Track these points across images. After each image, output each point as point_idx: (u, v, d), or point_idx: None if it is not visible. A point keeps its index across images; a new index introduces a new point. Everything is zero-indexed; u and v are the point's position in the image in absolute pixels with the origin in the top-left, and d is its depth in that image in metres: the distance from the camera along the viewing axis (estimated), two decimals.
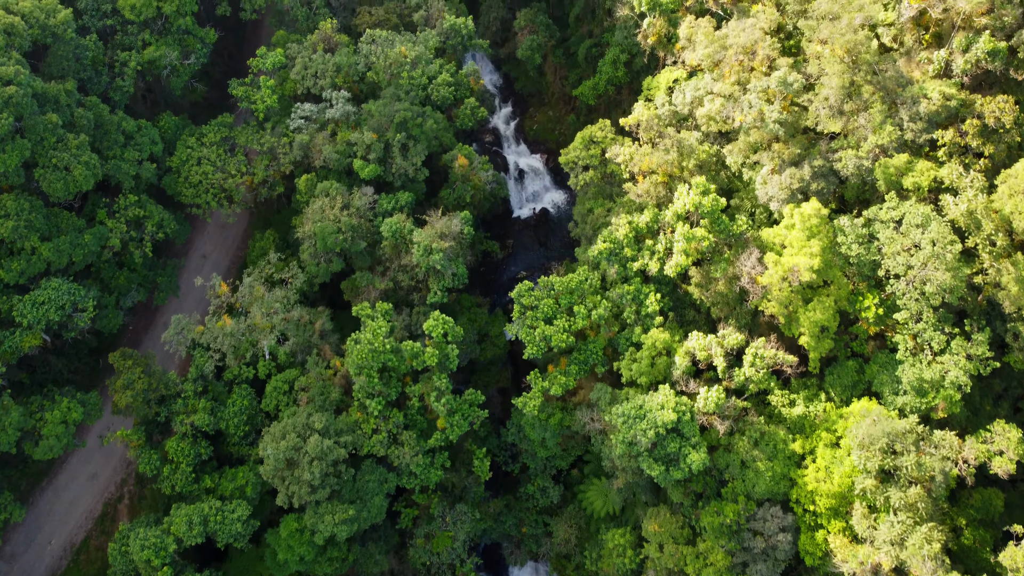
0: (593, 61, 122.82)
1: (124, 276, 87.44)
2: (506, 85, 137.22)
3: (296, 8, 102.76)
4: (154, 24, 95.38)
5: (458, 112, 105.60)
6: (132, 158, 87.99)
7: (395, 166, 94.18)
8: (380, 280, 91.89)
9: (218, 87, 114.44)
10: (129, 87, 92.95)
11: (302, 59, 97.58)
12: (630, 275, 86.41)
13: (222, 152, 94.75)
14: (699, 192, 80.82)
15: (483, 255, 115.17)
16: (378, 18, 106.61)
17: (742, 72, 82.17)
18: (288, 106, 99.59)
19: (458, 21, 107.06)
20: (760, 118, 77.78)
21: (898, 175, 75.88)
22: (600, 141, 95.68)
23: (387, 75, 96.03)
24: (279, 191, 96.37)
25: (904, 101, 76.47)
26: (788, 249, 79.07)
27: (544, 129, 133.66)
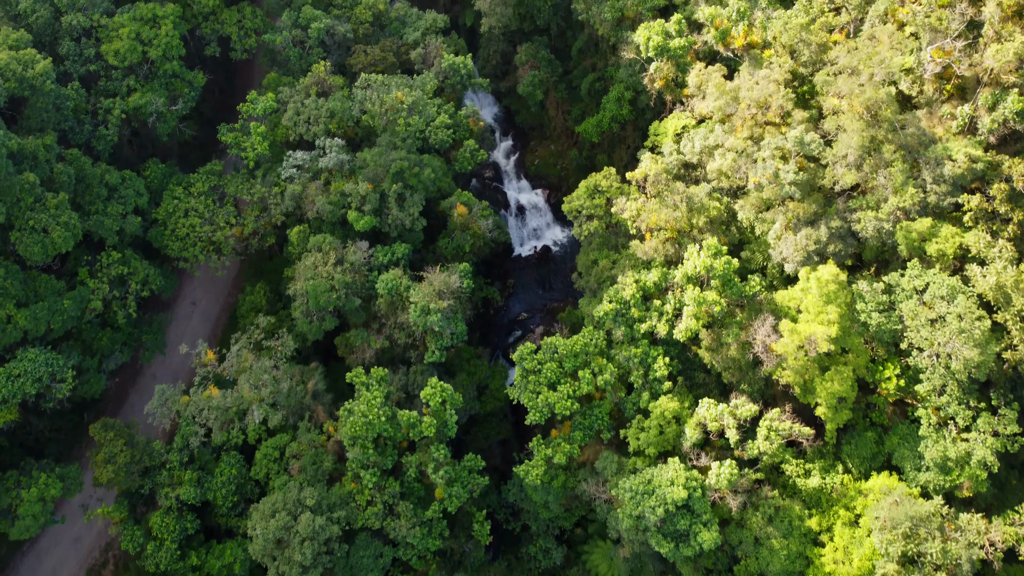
0: (597, 96, 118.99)
1: (107, 337, 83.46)
2: (506, 118, 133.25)
3: (288, 48, 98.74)
4: (139, 69, 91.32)
5: (457, 154, 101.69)
6: (116, 212, 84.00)
7: (391, 217, 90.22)
8: (376, 338, 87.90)
9: (209, 124, 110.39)
10: (113, 136, 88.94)
11: (294, 104, 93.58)
12: (637, 337, 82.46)
13: (210, 202, 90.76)
14: (710, 254, 76.91)
15: (483, 300, 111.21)
16: (374, 58, 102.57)
17: (755, 127, 78.21)
18: (280, 152, 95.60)
19: (457, 60, 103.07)
20: (775, 178, 73.80)
21: (921, 240, 71.97)
22: (605, 190, 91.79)
23: (383, 121, 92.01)
24: (270, 242, 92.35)
25: (927, 161, 72.55)
26: (804, 315, 75.18)
27: (545, 164, 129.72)
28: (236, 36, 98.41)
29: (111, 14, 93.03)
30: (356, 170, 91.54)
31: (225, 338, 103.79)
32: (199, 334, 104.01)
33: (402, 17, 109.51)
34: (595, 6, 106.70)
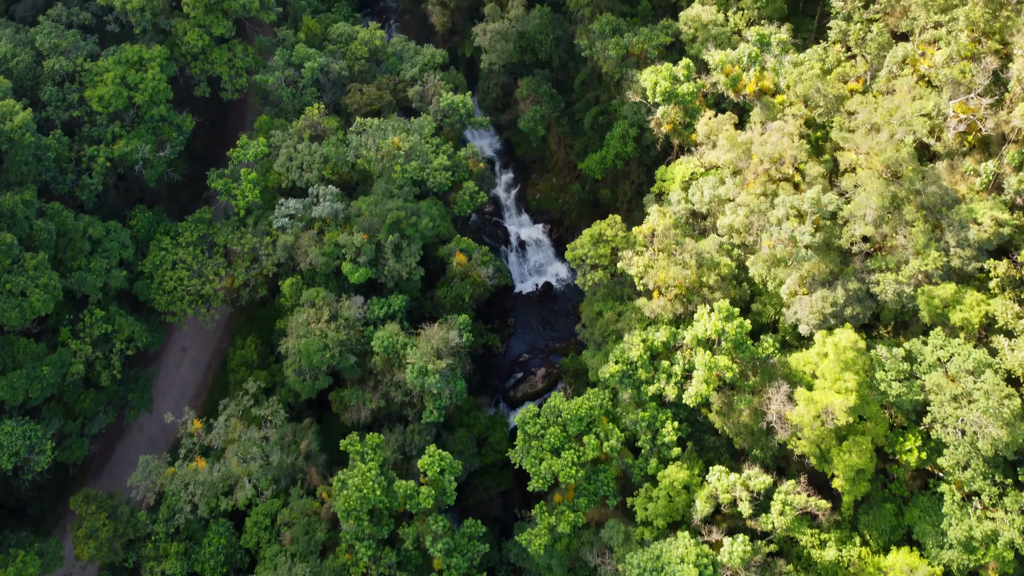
0: (600, 129, 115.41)
1: (91, 398, 79.86)
2: (507, 150, 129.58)
3: (281, 88, 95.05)
4: (125, 115, 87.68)
5: (456, 197, 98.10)
6: (99, 267, 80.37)
7: (388, 268, 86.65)
8: (371, 396, 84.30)
9: (199, 162, 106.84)
10: (97, 184, 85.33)
11: (287, 149, 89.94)
12: (645, 399, 78.85)
13: (199, 252, 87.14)
14: (722, 316, 73.30)
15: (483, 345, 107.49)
16: (370, 97, 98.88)
17: (768, 182, 74.61)
18: (271, 198, 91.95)
19: (456, 99, 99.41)
20: (791, 241, 70.19)
21: (944, 307, 68.40)
22: (610, 240, 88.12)
23: (379, 167, 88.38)
24: (262, 294, 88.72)
25: (951, 223, 68.99)
26: (820, 381, 71.66)
27: (547, 198, 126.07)
28: (226, 76, 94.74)
29: (95, 57, 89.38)
30: (351, 218, 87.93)
31: (216, 387, 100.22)
32: (189, 383, 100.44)
33: (399, 52, 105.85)
34: (599, 42, 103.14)
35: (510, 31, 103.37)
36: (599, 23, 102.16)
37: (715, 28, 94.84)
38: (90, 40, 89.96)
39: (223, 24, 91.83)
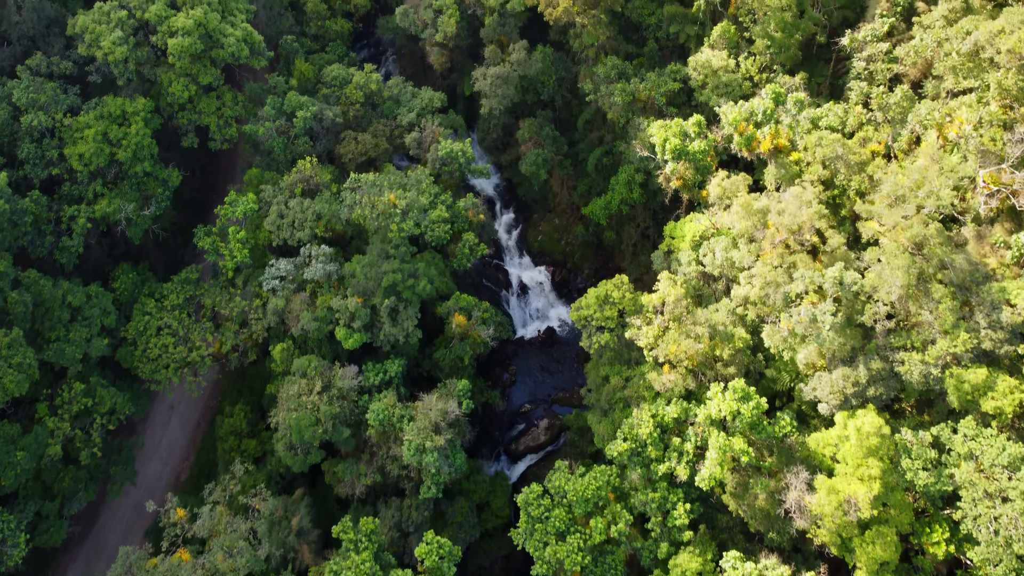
0: (604, 171, 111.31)
1: (70, 476, 75.66)
2: (507, 189, 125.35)
3: (272, 139, 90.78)
4: (107, 171, 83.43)
5: (455, 249, 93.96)
6: (79, 337, 76.18)
7: (383, 332, 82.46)
8: (366, 469, 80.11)
9: (188, 207, 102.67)
10: (78, 246, 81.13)
11: (277, 205, 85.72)
12: (655, 478, 74.70)
13: (185, 316, 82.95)
14: (737, 397, 69.17)
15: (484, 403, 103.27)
16: (365, 146, 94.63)
17: (786, 255, 70.42)
18: (262, 256, 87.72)
19: (455, 147, 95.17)
20: (811, 323, 65.98)
21: (975, 394, 64.23)
22: (617, 302, 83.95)
23: (374, 225, 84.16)
24: (251, 359, 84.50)
25: (981, 302, 64.79)
26: (841, 466, 67.55)
27: (549, 240, 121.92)
28: (215, 126, 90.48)
29: (76, 111, 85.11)
30: (345, 279, 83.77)
31: (205, 447, 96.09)
32: (177, 443, 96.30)
33: (396, 96, 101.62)
34: (604, 86, 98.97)
35: (511, 75, 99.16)
36: (604, 67, 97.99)
37: (726, 75, 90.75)
38: (71, 92, 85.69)
39: (211, 73, 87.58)
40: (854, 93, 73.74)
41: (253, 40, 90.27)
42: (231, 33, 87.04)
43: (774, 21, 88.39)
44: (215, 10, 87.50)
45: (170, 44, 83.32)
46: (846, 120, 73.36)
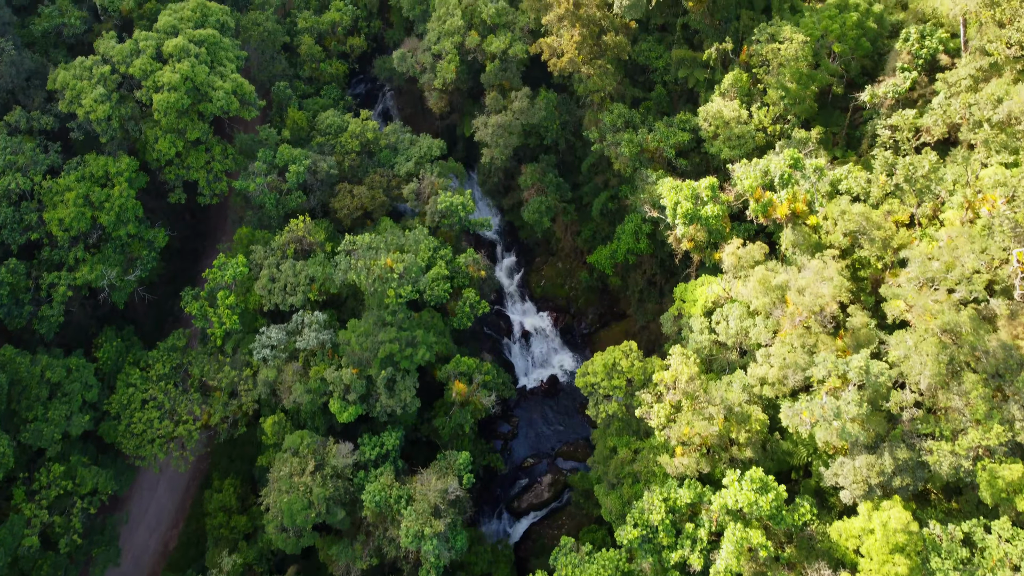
0: (610, 216, 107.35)
1: (49, 562, 71.51)
2: (509, 232, 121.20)
3: (264, 194, 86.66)
4: (89, 235, 79.30)
5: (455, 307, 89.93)
6: (59, 415, 72.11)
7: (380, 404, 78.43)
8: (362, 551, 76.04)
9: (178, 258, 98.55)
10: (58, 315, 77.04)
11: (269, 268, 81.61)
12: (667, 566, 70.69)
13: (171, 387, 78.86)
14: (754, 488, 65.14)
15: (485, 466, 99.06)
16: (361, 200, 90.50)
17: (807, 335, 66.41)
18: (252, 319, 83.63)
19: (455, 201, 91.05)
20: (835, 416, 61.95)
21: (1010, 491, 60.27)
22: (625, 371, 79.94)
23: (371, 289, 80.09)
24: (241, 431, 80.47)
25: (1017, 392, 60.83)
26: (866, 562, 63.68)
27: (553, 284, 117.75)
28: (204, 181, 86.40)
29: (56, 171, 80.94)
30: (339, 346, 79.72)
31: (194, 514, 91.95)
32: (165, 509, 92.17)
33: (393, 144, 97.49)
34: (610, 135, 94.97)
35: (514, 124, 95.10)
36: (610, 116, 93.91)
37: (738, 127, 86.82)
38: (52, 150, 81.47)
39: (199, 128, 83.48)
40: (878, 162, 69.68)
41: (243, 91, 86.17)
42: (220, 86, 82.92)
43: (789, 72, 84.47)
44: (203, 61, 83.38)
45: (155, 100, 79.20)
46: (869, 190, 69.32)
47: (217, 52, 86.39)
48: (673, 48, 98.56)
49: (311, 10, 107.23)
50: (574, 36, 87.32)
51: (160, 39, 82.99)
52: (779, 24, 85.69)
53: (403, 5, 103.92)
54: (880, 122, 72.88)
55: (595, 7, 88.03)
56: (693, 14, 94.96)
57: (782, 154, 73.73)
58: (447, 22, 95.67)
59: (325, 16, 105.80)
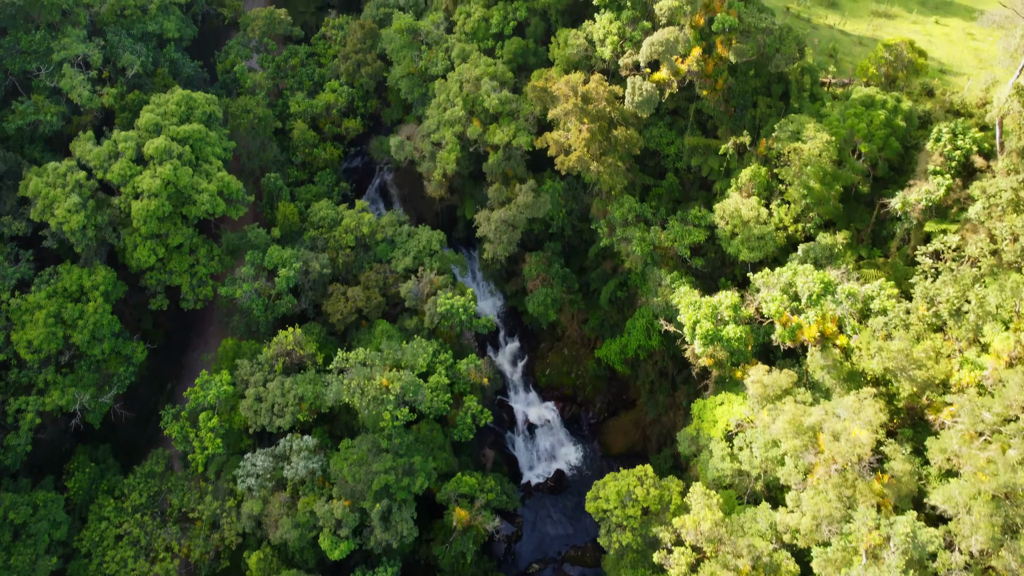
0: (619, 304, 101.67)
1: None
2: (512, 315, 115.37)
3: (252, 300, 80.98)
4: (61, 355, 73.49)
5: (456, 417, 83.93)
6: (23, 561, 65.91)
7: (374, 538, 72.23)
8: None
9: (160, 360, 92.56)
10: (25, 443, 71.13)
11: (255, 387, 75.71)
12: None
13: (148, 520, 72.63)
14: None
15: None
16: (355, 304, 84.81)
17: (843, 484, 60.39)
18: (237, 440, 77.62)
19: (456, 303, 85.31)
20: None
21: None
22: (640, 501, 73.88)
23: (365, 411, 74.14)
24: (224, 566, 74.13)
25: None
26: None
27: (558, 372, 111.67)
28: (187, 287, 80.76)
29: (27, 284, 75.32)
30: (330, 474, 73.61)
31: None
32: None
33: (390, 237, 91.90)
34: (620, 229, 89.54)
35: (518, 218, 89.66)
36: (620, 210, 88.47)
37: (757, 227, 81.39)
38: (23, 260, 75.92)
39: (182, 232, 78.03)
40: (918, 290, 64.07)
41: (230, 190, 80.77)
42: (204, 188, 77.51)
43: (811, 170, 79.16)
44: (187, 161, 78.08)
45: (134, 208, 73.78)
46: (908, 320, 63.62)
47: (203, 148, 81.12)
48: (686, 134, 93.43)
49: (304, 91, 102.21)
50: (583, 132, 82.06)
51: (141, 139, 77.75)
52: (801, 121, 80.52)
53: (401, 87, 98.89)
54: (921, 253, 67.35)
55: (604, 100, 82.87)
56: (707, 101, 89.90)
57: (811, 276, 68.16)
58: (447, 111, 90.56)
59: (319, 97, 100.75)
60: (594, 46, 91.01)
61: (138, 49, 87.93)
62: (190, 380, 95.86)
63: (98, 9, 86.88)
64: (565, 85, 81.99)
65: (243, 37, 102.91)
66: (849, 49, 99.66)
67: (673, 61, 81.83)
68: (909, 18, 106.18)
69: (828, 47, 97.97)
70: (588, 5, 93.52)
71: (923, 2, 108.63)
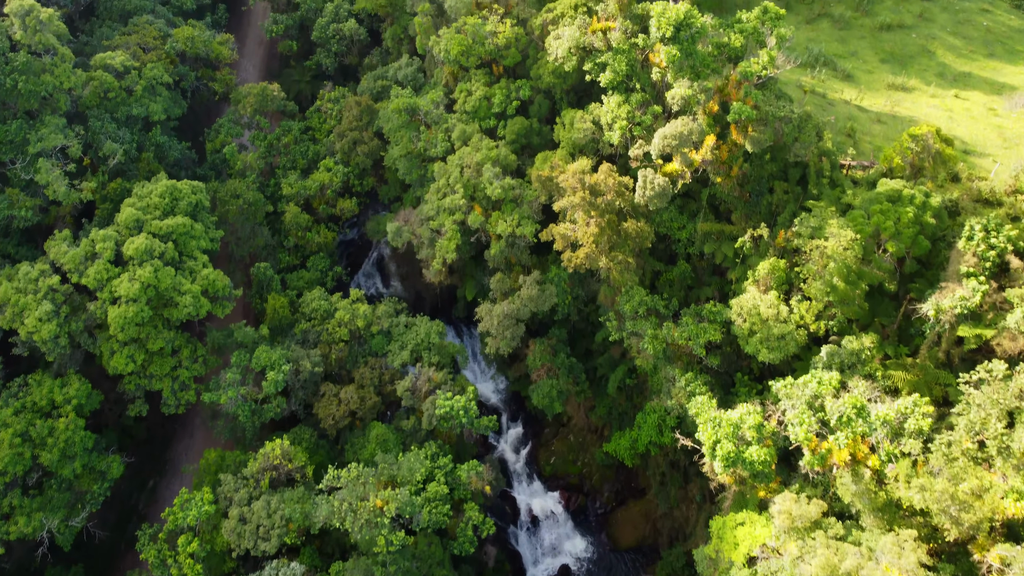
0: (628, 392, 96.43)
1: None
2: (514, 399, 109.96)
3: (238, 406, 75.66)
4: (28, 476, 67.96)
5: (455, 526, 78.26)
6: None
7: None
8: None
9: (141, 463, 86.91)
10: None
11: (239, 507, 70.09)
12: None
13: None
14: None
15: None
16: (348, 406, 79.51)
17: None
18: (220, 562, 71.73)
19: (456, 405, 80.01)
20: None
21: None
22: None
23: (357, 535, 68.45)
24: None
25: None
26: None
27: (564, 461, 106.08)
28: (168, 391, 75.47)
29: None
30: None
31: None
32: None
33: (387, 330, 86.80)
34: (629, 322, 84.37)
35: (522, 311, 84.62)
36: (630, 303, 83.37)
37: (777, 326, 76.20)
38: None
39: (163, 336, 72.91)
40: (963, 425, 58.73)
41: (216, 288, 75.86)
42: (188, 289, 72.55)
43: (835, 269, 74.18)
44: (170, 259, 73.23)
45: (111, 315, 68.78)
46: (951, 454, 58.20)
47: (187, 243, 76.34)
48: (698, 219, 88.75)
49: (298, 170, 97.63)
50: (591, 227, 77.27)
51: (121, 237, 72.96)
52: (823, 216, 75.73)
53: (399, 168, 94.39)
54: (963, 377, 62.09)
55: (614, 192, 78.22)
56: (721, 186, 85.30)
57: (843, 401, 62.83)
58: (447, 197, 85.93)
59: (313, 177, 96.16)
60: (601, 130, 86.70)
61: (121, 135, 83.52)
62: (174, 476, 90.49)
63: (80, 93, 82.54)
64: (572, 177, 77.40)
65: (234, 114, 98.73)
66: (868, 128, 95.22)
67: (686, 153, 77.27)
68: (927, 91, 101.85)
69: (846, 126, 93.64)
70: (594, 84, 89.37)
71: (941, 73, 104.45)
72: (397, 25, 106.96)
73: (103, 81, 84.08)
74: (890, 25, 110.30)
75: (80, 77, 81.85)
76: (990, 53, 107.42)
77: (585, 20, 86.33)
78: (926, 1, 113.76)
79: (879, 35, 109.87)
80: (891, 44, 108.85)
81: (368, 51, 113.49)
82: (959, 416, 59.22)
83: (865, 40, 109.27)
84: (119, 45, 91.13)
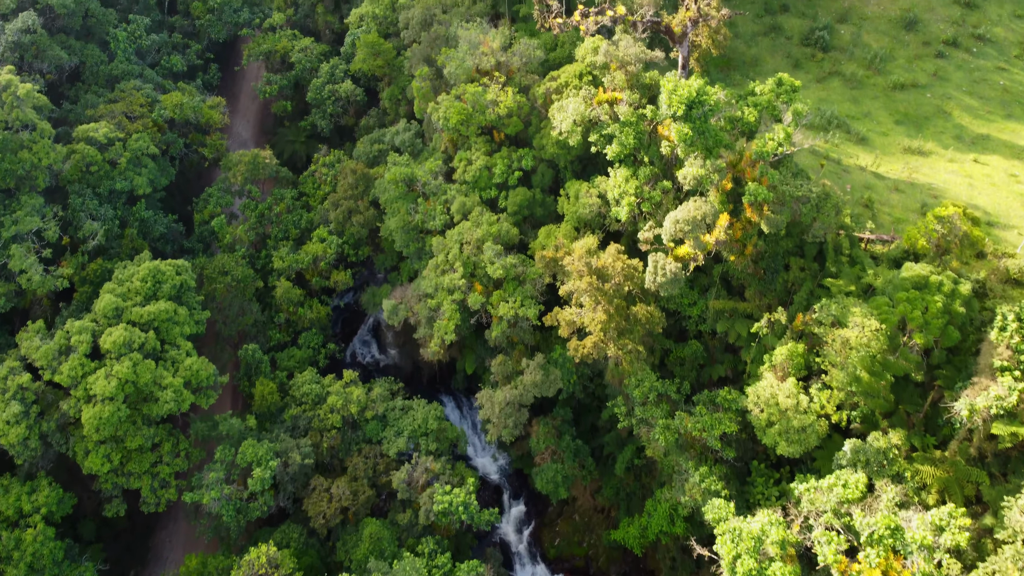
0: (636, 472, 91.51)
1: None
2: (517, 476, 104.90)
3: (222, 505, 70.71)
4: None
5: None
6: None
7: None
8: None
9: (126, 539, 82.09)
10: None
11: None
12: None
13: None
14: None
15: None
16: (340, 502, 74.56)
17: None
18: None
19: (455, 500, 75.24)
20: None
21: None
22: None
23: None
24: None
25: None
26: None
27: (569, 542, 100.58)
28: (147, 490, 70.67)
29: None
30: None
31: None
32: None
33: (382, 414, 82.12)
34: (639, 409, 79.79)
35: (525, 396, 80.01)
36: (639, 390, 78.77)
37: (797, 418, 71.57)
38: None
39: (142, 434, 68.21)
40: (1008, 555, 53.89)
41: (199, 379, 71.32)
42: (169, 383, 68.02)
43: (858, 359, 69.72)
44: (150, 351, 68.71)
45: (85, 415, 64.21)
46: None
47: (170, 330, 71.88)
48: (710, 296, 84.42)
49: (291, 241, 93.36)
50: (599, 313, 72.86)
51: (99, 328, 68.51)
52: (845, 304, 71.34)
53: (396, 240, 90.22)
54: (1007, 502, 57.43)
55: (621, 276, 73.92)
56: (734, 264, 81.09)
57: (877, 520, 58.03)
58: (446, 276, 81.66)
59: (306, 249, 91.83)
60: (608, 204, 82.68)
61: (103, 212, 79.47)
62: (156, 564, 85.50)
63: (60, 167, 78.62)
64: (579, 260, 73.10)
65: (224, 182, 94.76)
66: (886, 197, 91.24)
67: (699, 238, 73.10)
68: (945, 155, 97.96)
69: (863, 195, 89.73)
70: (600, 154, 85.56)
71: (958, 136, 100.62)
72: (395, 86, 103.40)
73: (85, 154, 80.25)
74: (903, 84, 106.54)
75: (60, 152, 78.03)
76: (1008, 114, 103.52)
77: (590, 91, 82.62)
78: (940, 59, 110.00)
79: (892, 95, 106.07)
80: (905, 104, 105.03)
81: (365, 111, 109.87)
82: (1005, 544, 54.32)
83: (878, 100, 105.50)
84: (103, 115, 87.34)
